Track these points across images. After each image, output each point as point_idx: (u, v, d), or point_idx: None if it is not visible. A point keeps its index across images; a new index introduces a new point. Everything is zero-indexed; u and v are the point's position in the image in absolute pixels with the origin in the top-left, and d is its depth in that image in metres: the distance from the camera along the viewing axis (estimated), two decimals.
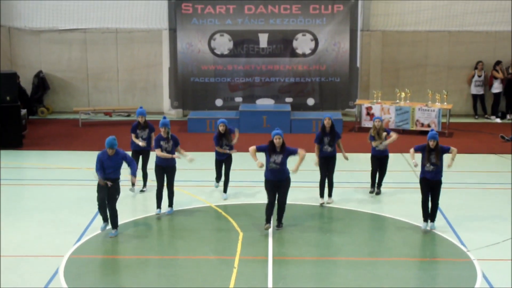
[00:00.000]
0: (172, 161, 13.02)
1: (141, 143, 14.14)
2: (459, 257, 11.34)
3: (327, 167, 13.62)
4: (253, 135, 19.04)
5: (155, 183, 13.16)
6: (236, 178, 14.69)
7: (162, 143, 12.94)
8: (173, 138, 13.02)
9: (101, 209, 12.01)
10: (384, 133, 14.03)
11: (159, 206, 13.10)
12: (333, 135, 13.59)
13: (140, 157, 14.38)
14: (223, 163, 14.03)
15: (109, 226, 12.11)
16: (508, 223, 12.81)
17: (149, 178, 14.45)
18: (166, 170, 13.00)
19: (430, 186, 12.15)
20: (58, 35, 22.42)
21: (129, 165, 11.94)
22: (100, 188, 11.83)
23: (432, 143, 12.02)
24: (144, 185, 14.45)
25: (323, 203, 13.67)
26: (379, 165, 14.15)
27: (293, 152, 12.08)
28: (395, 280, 10.49)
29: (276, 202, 12.20)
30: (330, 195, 13.82)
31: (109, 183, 11.74)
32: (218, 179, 14.30)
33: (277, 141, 11.97)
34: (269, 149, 12.03)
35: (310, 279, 10.52)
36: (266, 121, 19.99)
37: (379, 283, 10.36)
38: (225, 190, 14.08)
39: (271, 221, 12.15)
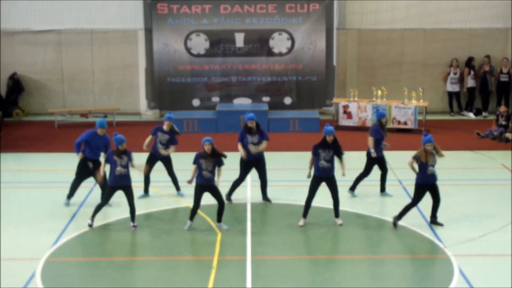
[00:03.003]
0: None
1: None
2: (436, 254, 11.43)
3: (319, 187, 12.49)
4: (231, 135, 18.99)
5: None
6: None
7: (159, 133, 13.80)
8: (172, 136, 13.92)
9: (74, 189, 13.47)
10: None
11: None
12: (336, 150, 12.30)
13: (123, 192, 12.48)
14: (205, 191, 12.14)
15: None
16: (485, 219, 12.92)
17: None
18: (162, 160, 13.94)
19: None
20: (33, 36, 22.21)
21: (105, 150, 12.99)
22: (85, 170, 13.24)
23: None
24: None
25: (303, 224, 12.48)
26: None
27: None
28: (372, 277, 10.54)
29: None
30: (337, 215, 12.62)
31: (91, 164, 13.07)
32: (193, 214, 12.20)
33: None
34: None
35: (288, 278, 10.52)
36: (244, 121, 19.93)
37: (357, 281, 10.39)
38: (219, 219, 12.37)
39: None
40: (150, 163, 13.83)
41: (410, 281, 10.50)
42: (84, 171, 13.33)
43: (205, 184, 12.04)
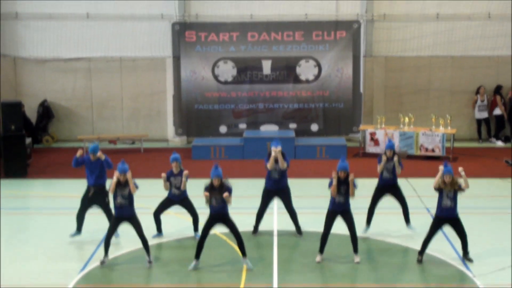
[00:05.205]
0: (184, 194, 13.12)
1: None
2: (465, 283, 11.29)
3: (337, 221, 12.06)
4: (258, 162, 19.03)
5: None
6: (240, 205, 14.64)
7: (171, 178, 12.93)
8: (181, 173, 12.93)
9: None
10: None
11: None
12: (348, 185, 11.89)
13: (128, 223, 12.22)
14: (219, 221, 11.80)
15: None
16: None
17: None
18: (178, 203, 13.20)
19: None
20: (63, 64, 22.59)
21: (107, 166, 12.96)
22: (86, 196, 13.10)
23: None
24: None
25: (320, 261, 12.06)
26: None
27: None
28: None
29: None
30: (355, 250, 12.11)
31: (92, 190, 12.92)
32: (197, 255, 11.77)
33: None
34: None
35: None
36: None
37: None
38: (244, 253, 11.85)
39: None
40: (165, 206, 13.31)
41: None
42: (85, 198, 13.14)
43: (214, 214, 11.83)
